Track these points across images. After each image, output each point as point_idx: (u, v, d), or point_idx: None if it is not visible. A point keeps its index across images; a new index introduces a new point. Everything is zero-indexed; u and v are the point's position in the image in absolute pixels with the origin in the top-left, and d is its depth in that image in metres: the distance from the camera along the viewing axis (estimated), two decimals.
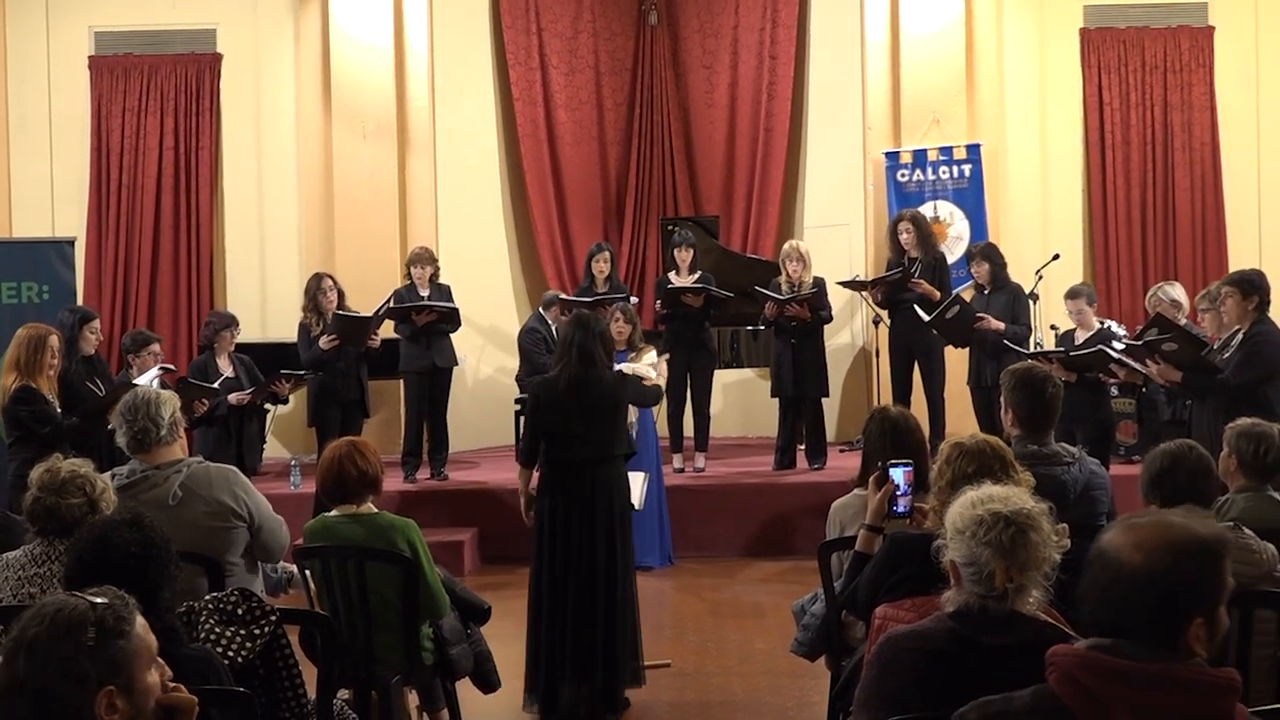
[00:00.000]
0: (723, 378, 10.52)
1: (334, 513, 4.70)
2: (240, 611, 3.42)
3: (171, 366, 7.63)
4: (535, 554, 5.59)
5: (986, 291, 8.82)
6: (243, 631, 3.40)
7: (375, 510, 4.72)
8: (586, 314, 5.81)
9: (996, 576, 2.68)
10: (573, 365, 5.49)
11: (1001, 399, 4.62)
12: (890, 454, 4.12)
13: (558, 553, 5.49)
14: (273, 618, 3.45)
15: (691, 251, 9.38)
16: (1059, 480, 4.30)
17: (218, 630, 3.38)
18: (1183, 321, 7.63)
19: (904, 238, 9.22)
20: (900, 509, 3.90)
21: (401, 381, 9.58)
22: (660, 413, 9.13)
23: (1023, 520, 2.71)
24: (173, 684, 2.31)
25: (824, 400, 9.41)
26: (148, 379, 7.57)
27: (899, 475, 3.92)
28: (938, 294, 8.88)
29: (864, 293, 9.55)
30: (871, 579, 3.63)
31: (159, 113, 10.95)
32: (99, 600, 2.22)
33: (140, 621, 2.26)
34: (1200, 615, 2.13)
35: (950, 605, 2.75)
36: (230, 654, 3.34)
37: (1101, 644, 2.16)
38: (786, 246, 9.31)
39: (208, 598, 3.46)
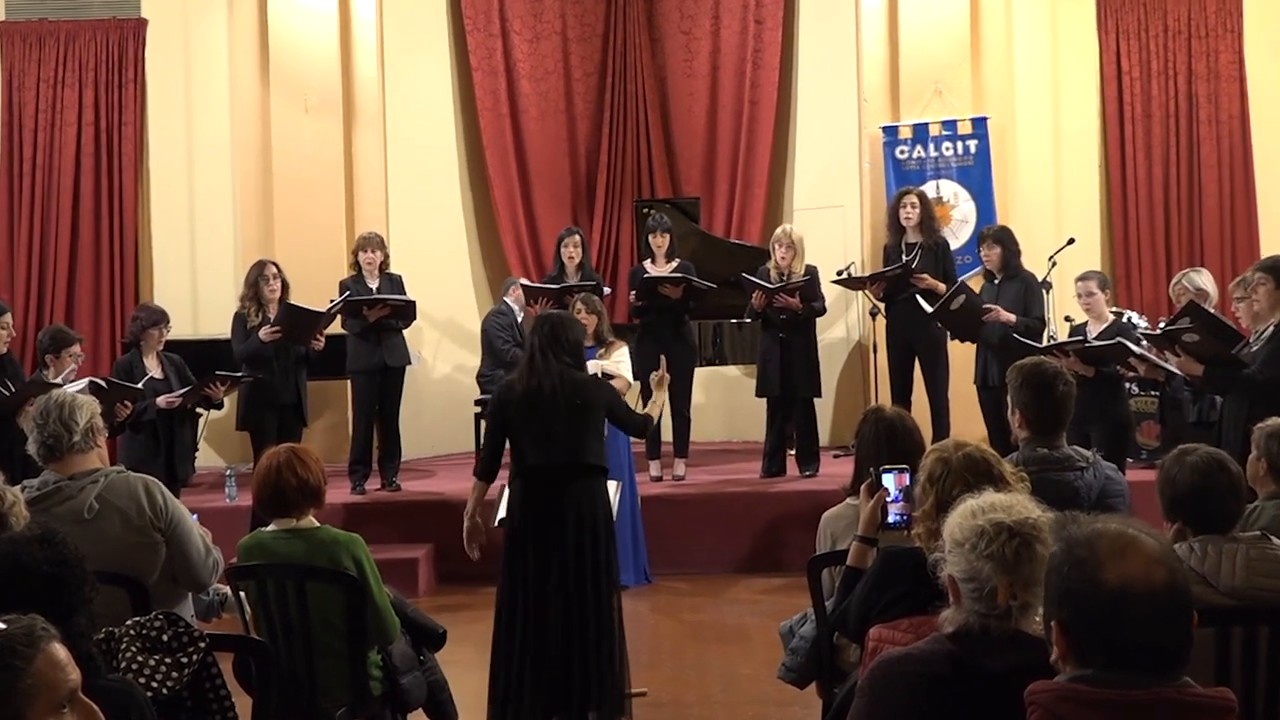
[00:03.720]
0: (704, 376, 10.53)
1: (271, 527, 4.70)
2: (165, 638, 3.41)
3: (101, 384, 7.56)
4: (504, 575, 5.51)
5: (996, 280, 8.75)
6: (168, 660, 3.39)
7: (317, 524, 4.71)
8: (554, 312, 5.88)
9: (999, 593, 2.68)
10: (537, 365, 5.47)
11: (1008, 398, 4.63)
12: (885, 459, 4.14)
13: (526, 574, 5.41)
14: (201, 644, 3.45)
15: (668, 237, 9.39)
16: (1071, 487, 4.31)
17: (140, 659, 3.36)
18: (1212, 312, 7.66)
19: (906, 213, 9.18)
20: (894, 519, 3.92)
21: (349, 382, 9.54)
22: None
23: (1027, 531, 2.71)
24: None
25: (816, 400, 9.41)
26: (73, 390, 7.49)
27: (891, 481, 3.94)
28: (943, 287, 8.83)
29: (865, 290, 9.53)
30: (863, 597, 3.63)
31: (77, 85, 10.90)
32: None
33: (50, 656, 2.24)
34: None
35: (949, 625, 2.75)
36: (154, 685, 3.33)
37: (1083, 675, 2.15)
38: (777, 231, 9.31)
39: (129, 623, 3.44)
